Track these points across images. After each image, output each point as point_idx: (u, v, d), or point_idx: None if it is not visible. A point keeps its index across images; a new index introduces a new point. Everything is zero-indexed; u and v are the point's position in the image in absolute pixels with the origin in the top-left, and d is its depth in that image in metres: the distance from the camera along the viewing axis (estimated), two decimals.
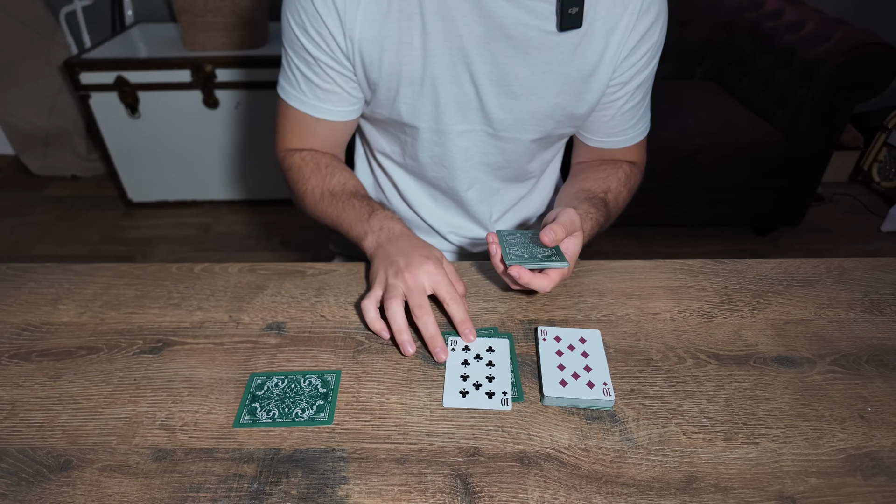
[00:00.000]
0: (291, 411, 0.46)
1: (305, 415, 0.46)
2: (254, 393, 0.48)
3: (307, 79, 0.65)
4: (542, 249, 0.55)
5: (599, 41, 0.60)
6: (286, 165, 0.72)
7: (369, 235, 0.62)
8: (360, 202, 0.65)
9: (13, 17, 2.01)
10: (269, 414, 0.46)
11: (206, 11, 1.78)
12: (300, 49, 0.63)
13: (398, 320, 0.52)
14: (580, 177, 0.73)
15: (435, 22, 0.59)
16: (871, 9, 2.16)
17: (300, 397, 0.48)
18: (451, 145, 0.68)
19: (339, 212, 0.66)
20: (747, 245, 1.94)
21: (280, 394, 0.48)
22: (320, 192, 0.68)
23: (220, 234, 2.01)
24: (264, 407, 0.47)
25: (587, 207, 0.64)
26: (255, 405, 0.47)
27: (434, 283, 0.54)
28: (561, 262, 0.53)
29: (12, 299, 0.60)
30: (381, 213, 0.64)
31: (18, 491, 0.41)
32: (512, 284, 0.57)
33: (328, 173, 0.69)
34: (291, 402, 0.47)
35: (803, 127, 1.67)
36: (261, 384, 0.49)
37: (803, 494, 0.41)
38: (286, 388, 0.49)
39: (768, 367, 0.51)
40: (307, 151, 0.71)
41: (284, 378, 0.49)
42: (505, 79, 0.62)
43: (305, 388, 0.49)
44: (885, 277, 0.63)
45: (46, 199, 2.22)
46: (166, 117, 1.91)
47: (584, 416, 0.47)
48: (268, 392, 0.48)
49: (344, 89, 0.65)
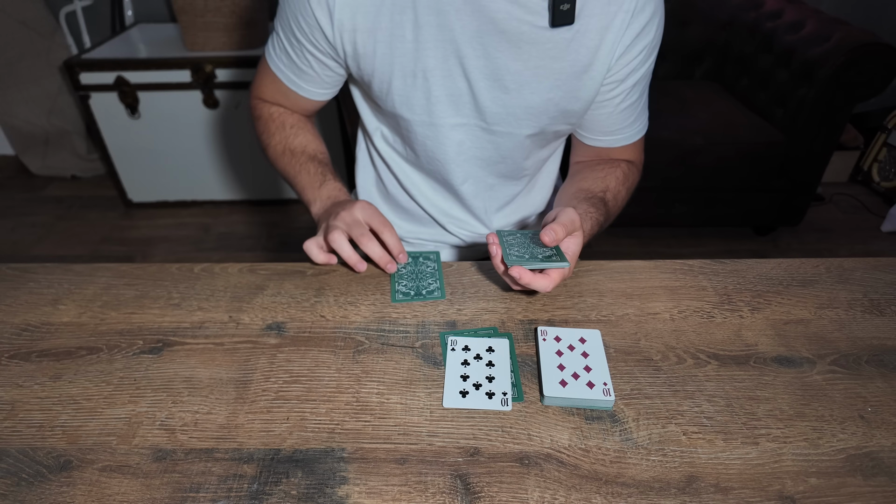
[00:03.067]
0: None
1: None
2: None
3: (288, 55, 0.68)
4: (543, 249, 0.55)
5: (593, 38, 0.61)
6: (256, 114, 0.77)
7: (317, 203, 0.69)
8: (316, 168, 0.71)
9: (13, 17, 2.00)
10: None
11: (206, 11, 1.78)
12: (287, 29, 0.66)
13: (344, 247, 0.59)
14: (578, 176, 0.74)
15: (427, 15, 0.59)
16: (870, 9, 2.16)
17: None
18: (443, 138, 0.69)
19: (295, 172, 0.72)
20: (747, 245, 1.94)
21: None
22: (282, 148, 0.74)
23: (220, 234, 2.01)
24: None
25: (586, 207, 0.64)
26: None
27: (367, 217, 0.62)
28: (561, 262, 0.53)
29: (12, 299, 0.60)
30: (331, 183, 0.70)
31: (18, 491, 0.41)
32: (513, 285, 0.57)
33: (292, 133, 0.74)
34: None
35: (803, 127, 1.67)
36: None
37: (803, 494, 0.41)
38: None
39: (768, 368, 0.51)
40: (276, 107, 0.76)
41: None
42: (497, 73, 0.62)
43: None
44: (885, 277, 0.63)
45: (46, 199, 2.22)
46: (166, 117, 1.91)
47: (584, 417, 0.47)
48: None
49: (318, 74, 0.69)
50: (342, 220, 0.61)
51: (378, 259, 0.60)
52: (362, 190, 0.85)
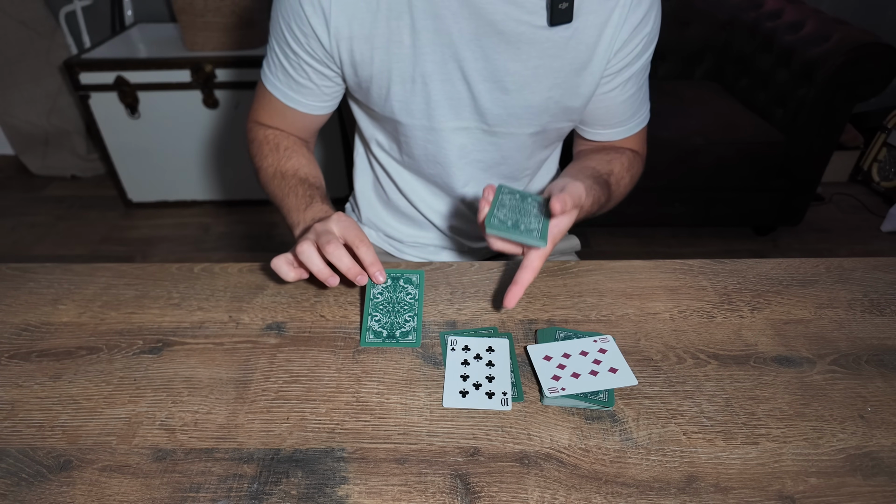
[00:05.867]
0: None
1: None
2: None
3: (284, 70, 0.67)
4: (530, 220, 0.54)
5: (591, 34, 0.61)
6: (251, 137, 0.75)
7: (300, 225, 0.63)
8: (305, 191, 0.66)
9: (13, 17, 2.00)
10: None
11: (205, 11, 1.78)
12: (282, 41, 0.64)
13: (313, 259, 0.53)
14: (584, 157, 0.73)
15: (424, 20, 0.59)
16: (870, 9, 2.16)
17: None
18: (444, 142, 0.68)
19: (283, 195, 0.68)
20: (747, 245, 1.94)
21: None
22: (273, 171, 0.70)
23: (220, 234, 2.01)
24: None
25: (591, 183, 0.63)
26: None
27: (342, 229, 0.56)
28: (539, 241, 0.52)
29: (12, 299, 0.60)
30: (317, 206, 0.64)
31: (18, 491, 0.41)
32: (492, 246, 0.56)
33: (285, 155, 0.71)
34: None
35: (803, 127, 1.67)
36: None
37: (803, 494, 0.41)
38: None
39: (768, 367, 0.51)
40: (272, 130, 0.74)
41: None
42: (497, 74, 0.62)
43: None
44: (885, 277, 0.63)
45: (46, 199, 2.22)
46: (166, 117, 1.90)
47: (583, 416, 0.47)
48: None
49: (317, 85, 0.67)
50: (313, 231, 0.56)
51: (346, 270, 0.54)
52: (361, 194, 0.85)
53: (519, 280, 0.54)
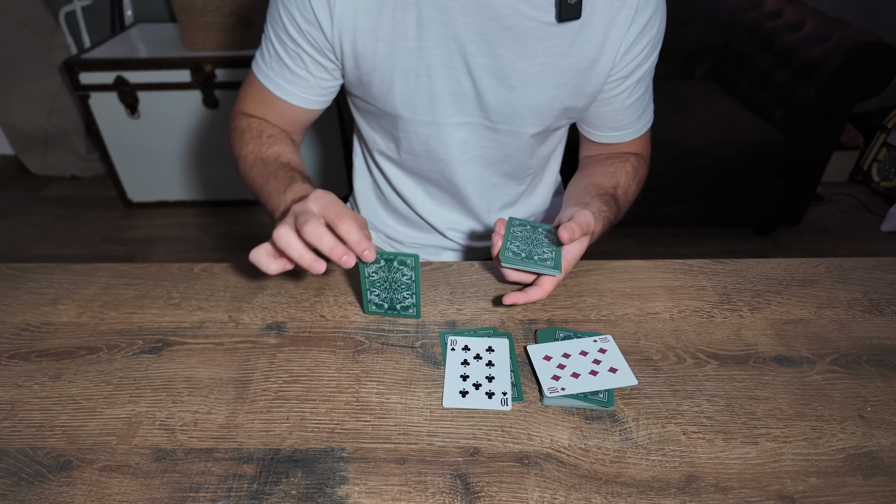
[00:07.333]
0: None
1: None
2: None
3: (280, 58, 0.65)
4: (543, 250, 0.55)
5: (598, 34, 0.60)
6: (233, 126, 0.72)
7: (280, 209, 0.58)
8: (286, 173, 0.62)
9: (13, 17, 2.00)
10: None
11: (205, 11, 1.78)
12: (280, 29, 0.63)
13: (293, 245, 0.47)
14: (588, 171, 0.73)
15: (431, 13, 0.59)
16: (870, 9, 2.16)
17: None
18: (447, 138, 0.68)
19: (264, 181, 0.63)
20: (747, 245, 1.94)
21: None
22: (253, 158, 0.67)
23: (220, 234, 2.01)
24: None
25: (599, 205, 0.63)
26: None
27: (322, 207, 0.49)
28: (553, 270, 0.53)
29: (12, 299, 0.60)
30: (298, 185, 0.59)
31: (18, 491, 0.41)
32: (507, 277, 0.57)
33: (267, 143, 0.68)
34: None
35: (803, 127, 1.67)
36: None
37: (803, 494, 0.41)
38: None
39: (768, 367, 0.51)
40: (256, 119, 0.71)
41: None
42: (502, 70, 0.62)
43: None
44: (885, 277, 0.63)
45: (46, 199, 2.22)
46: (166, 117, 1.90)
47: (583, 416, 0.47)
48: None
49: (313, 76, 0.66)
50: (291, 213, 0.50)
51: (329, 251, 0.47)
52: (360, 195, 0.84)
53: (528, 294, 0.54)
